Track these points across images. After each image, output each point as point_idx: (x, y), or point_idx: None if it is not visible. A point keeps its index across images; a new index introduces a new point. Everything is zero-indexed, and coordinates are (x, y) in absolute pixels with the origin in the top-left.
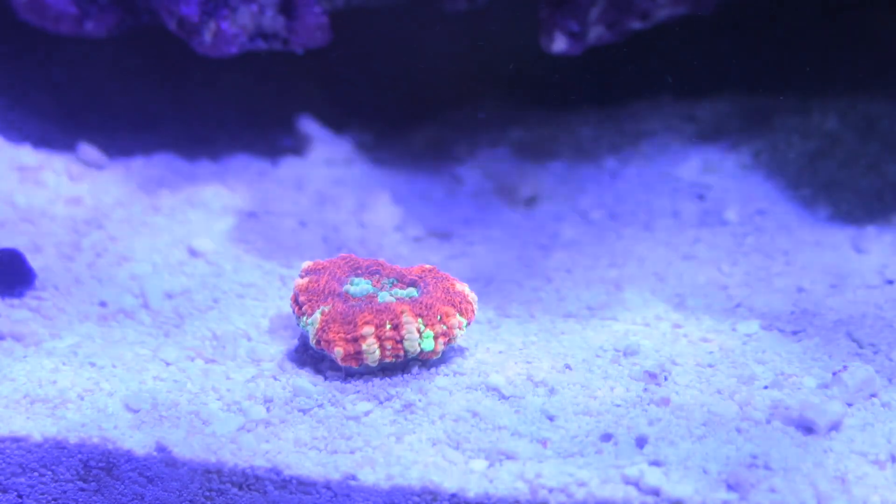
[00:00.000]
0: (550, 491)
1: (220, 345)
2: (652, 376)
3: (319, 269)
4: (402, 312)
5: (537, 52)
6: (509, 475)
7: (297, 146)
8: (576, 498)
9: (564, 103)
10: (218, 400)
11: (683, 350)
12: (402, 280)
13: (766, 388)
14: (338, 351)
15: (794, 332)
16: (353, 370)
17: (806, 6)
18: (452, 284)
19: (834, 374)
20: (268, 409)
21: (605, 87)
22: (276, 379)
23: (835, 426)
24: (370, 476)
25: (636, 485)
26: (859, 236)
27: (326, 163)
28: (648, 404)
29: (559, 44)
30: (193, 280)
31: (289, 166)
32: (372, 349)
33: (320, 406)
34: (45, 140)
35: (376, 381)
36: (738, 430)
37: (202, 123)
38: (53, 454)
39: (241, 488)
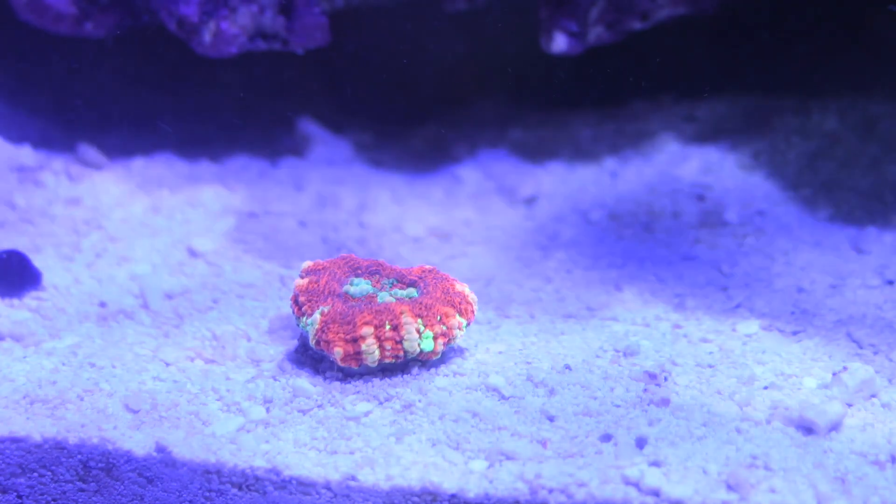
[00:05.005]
0: (550, 491)
1: (220, 345)
2: (652, 377)
3: (319, 270)
4: (401, 313)
5: (537, 52)
6: (509, 476)
7: (297, 146)
8: (576, 498)
9: (564, 103)
10: (218, 400)
11: (683, 350)
12: (401, 280)
13: (766, 388)
14: (337, 351)
15: (794, 333)
16: (353, 371)
17: (806, 6)
18: (452, 285)
19: (834, 374)
20: (267, 410)
21: (605, 87)
22: (275, 379)
23: (835, 426)
24: (370, 476)
25: (636, 485)
26: (859, 236)
27: (326, 163)
28: (648, 405)
29: (559, 44)
30: (193, 280)
31: (289, 166)
32: (371, 349)
33: (320, 406)
34: (45, 140)
35: (376, 381)
36: (738, 431)
37: (202, 123)
38: (53, 454)
39: (240, 489)
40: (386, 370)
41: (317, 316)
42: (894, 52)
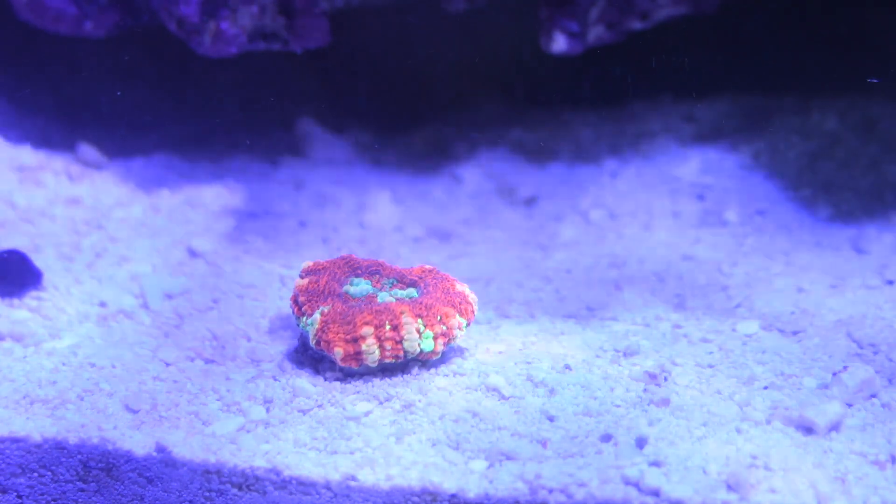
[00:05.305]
0: (550, 491)
1: (220, 345)
2: (652, 377)
3: (319, 270)
4: (401, 313)
5: (537, 52)
6: (509, 476)
7: (297, 147)
8: (576, 498)
9: (564, 103)
10: (218, 400)
11: (683, 350)
12: (402, 280)
13: (765, 388)
14: (337, 351)
15: (794, 332)
16: (353, 370)
17: (806, 6)
18: (452, 285)
19: (834, 374)
20: (267, 410)
21: (605, 87)
22: (275, 379)
23: (835, 426)
24: (370, 476)
25: (636, 485)
26: (859, 236)
27: (326, 163)
28: (648, 405)
29: (559, 44)
30: (193, 280)
31: (288, 167)
32: (371, 349)
33: (320, 406)
34: (45, 140)
35: (376, 381)
36: (738, 431)
37: (202, 123)
38: (53, 455)
39: (240, 489)
40: (386, 370)
41: (317, 316)
42: (894, 52)
